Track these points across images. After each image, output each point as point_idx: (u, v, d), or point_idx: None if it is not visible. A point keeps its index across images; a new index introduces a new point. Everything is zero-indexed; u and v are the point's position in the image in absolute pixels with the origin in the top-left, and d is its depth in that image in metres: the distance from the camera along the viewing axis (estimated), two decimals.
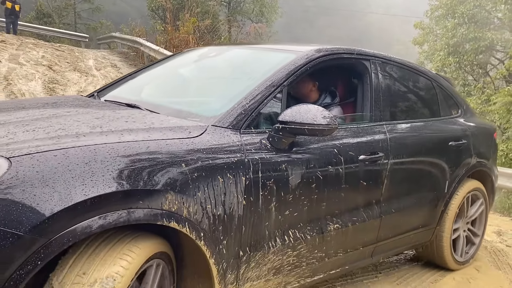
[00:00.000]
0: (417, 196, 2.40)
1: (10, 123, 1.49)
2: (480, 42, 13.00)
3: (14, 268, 1.09)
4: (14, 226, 1.09)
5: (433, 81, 2.71)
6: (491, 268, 2.89)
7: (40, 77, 8.38)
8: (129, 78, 2.41)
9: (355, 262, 2.17)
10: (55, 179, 1.19)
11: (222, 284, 1.57)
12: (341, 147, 1.93)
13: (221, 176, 1.52)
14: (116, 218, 1.24)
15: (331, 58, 2.09)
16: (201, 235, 1.45)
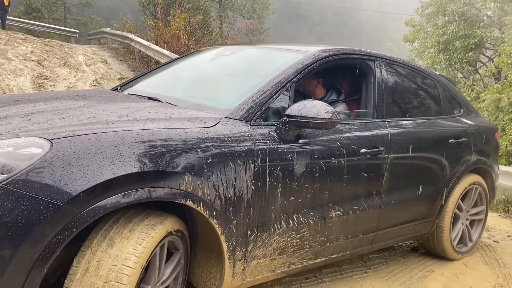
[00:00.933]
0: (416, 190, 2.62)
1: (48, 111, 1.74)
2: (470, 39, 13.44)
3: (54, 233, 1.32)
4: (54, 197, 1.32)
5: (435, 81, 2.97)
6: (479, 263, 3.08)
7: (29, 72, 8.49)
8: (149, 74, 2.72)
9: (355, 248, 2.40)
10: (89, 159, 1.41)
11: (232, 259, 1.79)
12: (344, 140, 2.16)
13: (232, 163, 1.74)
14: (139, 195, 1.47)
15: (337, 58, 2.33)
16: (214, 214, 1.67)
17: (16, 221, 1.28)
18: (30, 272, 1.29)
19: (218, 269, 1.82)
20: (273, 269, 2.01)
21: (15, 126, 1.57)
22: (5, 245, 1.26)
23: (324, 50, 2.26)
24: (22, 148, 1.40)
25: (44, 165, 1.35)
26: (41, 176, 1.33)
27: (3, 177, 1.30)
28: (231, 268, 1.81)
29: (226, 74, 2.53)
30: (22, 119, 1.65)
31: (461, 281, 2.76)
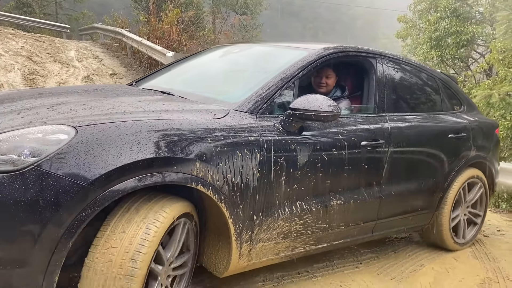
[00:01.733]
0: (416, 182, 2.84)
1: (71, 103, 1.97)
2: (462, 36, 13.79)
3: (78, 211, 1.53)
4: (79, 178, 1.53)
5: (436, 78, 3.20)
6: (469, 257, 3.24)
7: (19, 68, 8.57)
8: (163, 71, 2.98)
9: (356, 236, 2.61)
10: (110, 145, 1.62)
11: (239, 241, 2.00)
12: (345, 133, 2.37)
13: (240, 151, 1.95)
14: (155, 179, 1.67)
15: (340, 56, 2.55)
16: (222, 198, 1.88)
17: (46, 199, 1.47)
18: (57, 245, 1.50)
19: (226, 251, 2.02)
20: (277, 252, 2.22)
21: (42, 115, 1.78)
22: (36, 220, 1.46)
23: (327, 48, 2.48)
24: (50, 134, 1.60)
25: (70, 150, 1.54)
26: (67, 160, 1.53)
27: (34, 159, 1.50)
28: (238, 250, 2.01)
29: (235, 70, 2.78)
30: (48, 109, 1.86)
31: (451, 275, 2.90)
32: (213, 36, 12.09)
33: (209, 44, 11.29)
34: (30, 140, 1.56)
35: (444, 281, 2.78)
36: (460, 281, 2.82)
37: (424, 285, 2.70)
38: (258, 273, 2.53)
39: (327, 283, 2.56)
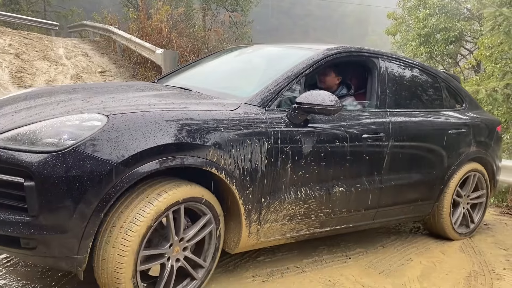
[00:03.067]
0: (416, 174, 3.22)
1: (101, 96, 2.39)
2: (450, 32, 14.34)
3: (109, 186, 1.90)
4: (110, 158, 1.92)
5: (438, 77, 3.62)
6: (456, 251, 3.52)
7: (7, 66, 8.81)
8: (181, 70, 3.45)
9: (358, 222, 2.99)
10: (137, 131, 2.01)
11: (248, 221, 2.39)
12: (347, 126, 2.76)
13: (249, 140, 2.34)
14: (174, 162, 2.06)
15: (344, 55, 2.95)
16: (233, 181, 2.27)
17: (82, 176, 1.86)
18: (91, 216, 1.88)
19: (237, 229, 2.43)
20: (283, 233, 2.64)
21: (78, 106, 2.21)
22: (74, 194, 1.86)
23: (332, 48, 2.90)
24: (86, 121, 2.01)
25: (103, 135, 1.93)
26: (100, 143, 1.91)
27: (73, 142, 1.90)
28: (247, 228, 2.41)
29: (246, 68, 3.24)
30: (82, 101, 2.30)
31: (438, 269, 3.13)
32: (203, 33, 12.26)
33: (199, 41, 11.49)
34: (69, 126, 1.97)
35: (431, 275, 3.01)
36: (447, 274, 3.05)
37: (412, 278, 2.92)
38: (247, 269, 2.78)
39: (316, 278, 2.76)
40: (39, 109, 2.17)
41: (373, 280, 2.81)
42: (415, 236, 3.78)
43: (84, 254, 1.90)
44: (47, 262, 1.99)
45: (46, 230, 1.82)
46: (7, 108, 2.28)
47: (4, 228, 1.83)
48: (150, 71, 10.22)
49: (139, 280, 2.02)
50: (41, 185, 1.79)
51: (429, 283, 2.86)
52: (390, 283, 2.79)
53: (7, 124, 2.01)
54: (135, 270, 1.98)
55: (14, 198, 1.85)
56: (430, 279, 2.92)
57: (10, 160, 1.82)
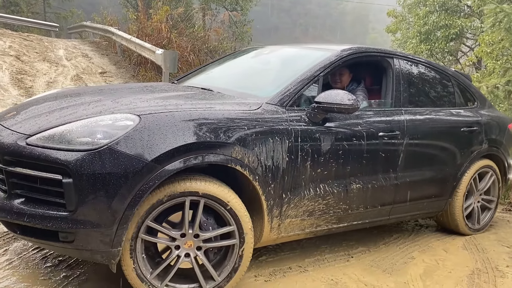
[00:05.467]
0: (430, 170, 3.39)
1: (129, 97, 2.54)
2: (451, 29, 14.57)
3: (142, 183, 2.06)
4: (143, 156, 2.08)
5: (450, 76, 3.80)
6: (458, 249, 3.63)
7: (7, 67, 8.97)
8: (199, 71, 3.63)
9: (374, 218, 3.16)
10: (167, 130, 2.17)
11: (270, 216, 2.56)
12: (364, 124, 2.93)
13: (271, 138, 2.50)
14: (203, 159, 2.21)
15: (359, 56, 3.12)
16: (256, 177, 2.44)
17: (117, 173, 2.03)
18: (125, 210, 2.04)
19: (259, 224, 2.59)
20: (303, 228, 2.80)
21: (108, 106, 2.37)
22: (109, 190, 2.02)
23: (348, 49, 3.07)
24: (119, 121, 2.17)
25: (136, 133, 2.10)
26: (134, 141, 2.08)
27: (107, 141, 2.06)
28: (269, 223, 2.57)
29: (264, 69, 3.42)
30: (112, 102, 2.46)
31: (441, 267, 3.23)
32: (203, 33, 12.38)
33: (199, 41, 11.62)
34: (103, 126, 2.13)
35: (434, 273, 3.10)
36: (450, 272, 3.13)
37: (414, 277, 3.01)
38: (250, 268, 2.81)
39: (319, 277, 2.84)
40: (72, 109, 2.32)
41: (376, 279, 2.90)
42: (418, 234, 3.89)
43: (118, 247, 2.05)
44: (84, 255, 2.14)
45: (83, 225, 1.98)
46: (39, 108, 2.43)
47: (43, 222, 1.99)
48: (151, 71, 10.37)
49: (138, 246, 2.15)
50: (79, 181, 1.95)
51: (432, 281, 2.95)
52: (393, 281, 2.89)
53: (43, 124, 2.16)
54: (136, 234, 2.11)
55: (52, 194, 2.01)
56: (433, 277, 3.01)
57: (49, 158, 1.98)
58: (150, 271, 2.23)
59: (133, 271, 2.18)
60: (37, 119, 2.26)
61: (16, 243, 2.89)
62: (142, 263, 2.20)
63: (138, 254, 2.18)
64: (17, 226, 2.09)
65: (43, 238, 2.06)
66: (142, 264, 2.20)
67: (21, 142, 2.05)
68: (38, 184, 2.03)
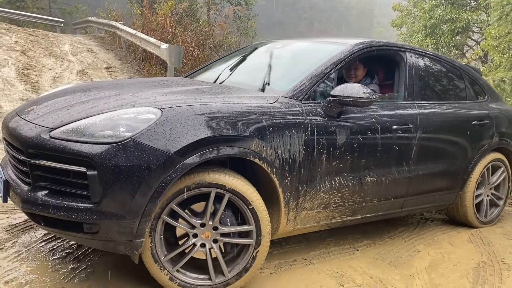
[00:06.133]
0: (442, 163, 3.44)
1: (147, 91, 2.58)
2: (457, 23, 14.51)
3: (165, 175, 2.10)
4: (166, 149, 2.12)
5: (461, 70, 3.85)
6: (464, 242, 3.67)
7: (13, 63, 9.02)
8: (211, 65, 3.67)
9: (387, 210, 3.21)
10: (188, 123, 2.21)
11: (287, 208, 2.60)
12: (378, 118, 2.98)
13: (288, 131, 2.54)
14: (222, 152, 2.25)
15: (373, 49, 3.16)
16: (274, 170, 2.48)
17: (140, 165, 2.07)
18: (148, 203, 2.09)
19: (276, 216, 2.64)
20: (318, 220, 2.85)
21: (129, 100, 2.41)
22: (133, 182, 2.06)
23: (361, 43, 3.10)
24: (141, 114, 2.21)
25: (158, 127, 2.14)
26: (157, 134, 2.12)
27: (130, 134, 2.11)
28: (286, 215, 2.62)
29: (277, 63, 3.44)
30: (131, 95, 2.49)
31: (446, 260, 3.26)
32: (207, 28, 12.40)
33: (204, 36, 11.64)
34: (126, 119, 2.17)
35: (440, 266, 3.14)
36: (455, 265, 3.17)
37: (420, 269, 3.04)
38: None
39: (324, 270, 2.88)
40: (92, 103, 2.37)
41: (381, 271, 2.93)
42: (423, 227, 3.93)
43: (141, 238, 2.10)
44: (107, 246, 2.18)
45: (107, 216, 2.02)
46: (59, 102, 2.47)
47: (68, 214, 2.03)
48: (156, 66, 10.41)
49: (158, 227, 2.21)
50: (103, 174, 1.99)
51: (437, 274, 2.99)
52: (398, 274, 2.92)
53: (65, 118, 2.21)
54: (159, 214, 2.18)
55: (77, 186, 2.05)
56: (438, 270, 3.04)
57: (73, 151, 2.02)
58: (165, 253, 2.29)
59: (149, 249, 2.23)
60: (58, 112, 2.30)
61: (24, 236, 2.94)
62: (159, 244, 2.26)
63: (157, 235, 2.23)
64: (42, 218, 2.14)
65: (68, 230, 2.11)
66: (158, 245, 2.26)
67: (44, 135, 2.09)
68: (62, 176, 2.07)
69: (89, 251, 2.79)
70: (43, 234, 2.96)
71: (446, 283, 2.85)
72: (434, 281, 2.87)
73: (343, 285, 2.69)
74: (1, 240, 2.83)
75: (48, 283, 2.39)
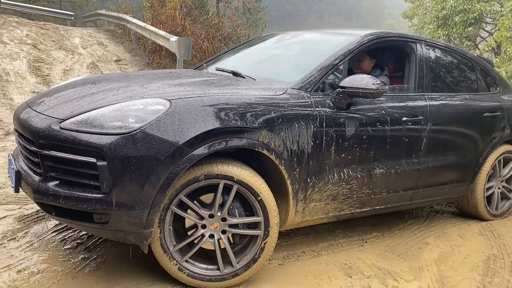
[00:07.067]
0: (452, 156, 3.41)
1: (156, 83, 2.59)
2: (469, 14, 14.24)
3: (174, 166, 2.11)
4: (174, 139, 2.13)
5: (473, 62, 3.80)
6: (474, 235, 3.65)
7: (24, 56, 9.10)
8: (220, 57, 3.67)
9: (396, 203, 3.20)
10: (197, 114, 2.22)
11: (295, 200, 2.60)
12: (388, 109, 2.95)
13: (297, 123, 2.54)
14: (231, 143, 2.26)
15: (383, 40, 3.13)
16: (282, 162, 2.48)
17: (149, 156, 2.08)
18: (157, 192, 2.11)
19: (284, 207, 2.64)
20: (326, 212, 2.86)
21: (138, 92, 2.42)
22: (142, 173, 2.07)
23: (371, 34, 3.07)
24: (150, 105, 2.22)
25: (167, 118, 2.15)
26: (165, 125, 2.14)
27: (140, 125, 2.12)
28: (294, 207, 2.62)
29: (286, 54, 3.44)
30: (141, 87, 2.51)
31: (456, 252, 3.25)
32: (217, 20, 12.37)
33: (213, 28, 11.62)
34: (135, 110, 2.19)
35: (449, 258, 3.12)
36: (465, 257, 3.15)
37: (429, 262, 3.02)
38: None
39: (332, 262, 2.89)
40: (102, 94, 2.39)
41: (390, 264, 2.92)
42: (433, 220, 3.90)
43: (150, 228, 2.12)
44: (117, 236, 2.20)
45: (117, 206, 2.04)
46: (69, 94, 2.50)
47: (79, 204, 2.06)
48: (165, 58, 10.44)
49: (167, 218, 2.23)
50: (113, 164, 2.01)
51: (447, 266, 2.97)
52: (407, 266, 2.91)
53: (75, 109, 2.23)
54: (168, 205, 2.19)
55: (87, 176, 2.08)
56: (448, 263, 3.03)
57: (83, 142, 2.04)
58: (174, 244, 2.31)
59: (158, 240, 2.25)
60: (69, 104, 2.32)
61: (36, 226, 2.98)
62: (168, 234, 2.28)
63: (166, 225, 2.25)
64: (52, 208, 2.17)
65: (78, 220, 2.14)
66: (167, 236, 2.27)
67: (55, 126, 2.12)
68: (72, 167, 2.09)
69: (99, 241, 2.83)
70: (54, 225, 3.00)
71: (456, 275, 2.84)
72: (443, 273, 2.85)
73: (351, 277, 2.69)
74: (13, 230, 2.88)
75: (60, 273, 2.42)
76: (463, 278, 2.80)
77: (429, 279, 2.76)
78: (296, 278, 2.63)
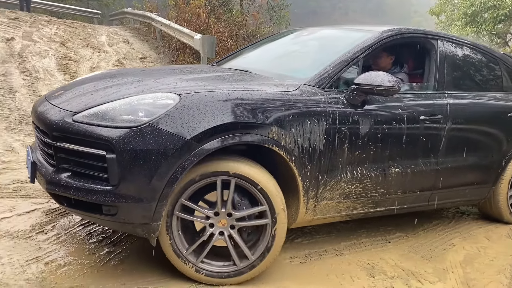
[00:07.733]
0: (473, 157, 3.29)
1: (169, 78, 2.60)
2: (499, 10, 13.70)
3: (182, 160, 2.12)
4: (183, 134, 2.13)
5: (498, 59, 3.65)
6: (502, 237, 3.53)
7: (53, 53, 9.35)
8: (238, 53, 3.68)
9: (412, 203, 3.11)
10: (206, 109, 2.22)
11: (306, 197, 2.56)
12: (405, 107, 2.87)
13: (308, 120, 2.49)
14: (239, 139, 2.24)
15: (401, 37, 3.04)
16: (293, 158, 2.44)
17: (158, 150, 2.09)
18: (165, 186, 2.11)
19: (295, 205, 2.60)
20: (338, 211, 2.80)
21: (150, 86, 2.44)
22: (150, 166, 2.08)
23: (389, 30, 3.00)
24: (160, 99, 2.23)
25: (176, 112, 2.15)
26: (174, 119, 2.14)
27: (149, 119, 2.13)
28: (305, 204, 2.58)
29: (303, 51, 3.39)
30: (153, 82, 2.52)
31: (482, 255, 3.16)
32: (240, 18, 12.39)
33: (237, 26, 11.64)
34: (145, 104, 2.20)
35: (475, 260, 3.04)
36: (492, 260, 3.07)
37: (454, 263, 2.96)
38: (285, 250, 2.86)
39: (355, 261, 2.85)
40: (115, 88, 2.41)
41: (414, 265, 2.87)
42: (459, 221, 3.80)
43: (158, 221, 2.13)
44: (125, 228, 2.24)
45: (125, 199, 2.06)
46: (85, 87, 2.54)
47: (88, 196, 2.09)
48: (189, 56, 10.52)
49: (174, 224, 2.23)
50: (121, 157, 2.03)
51: (473, 268, 2.88)
52: (431, 267, 2.84)
53: (88, 102, 2.26)
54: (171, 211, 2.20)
55: (97, 169, 2.10)
56: (474, 265, 2.95)
57: (93, 134, 2.07)
58: (187, 247, 2.31)
59: (169, 246, 2.27)
60: (83, 97, 2.36)
61: (63, 220, 3.04)
62: (178, 239, 2.29)
63: (174, 231, 2.26)
64: (64, 199, 2.21)
65: (88, 211, 2.17)
66: (178, 241, 2.29)
67: (68, 119, 2.15)
68: (83, 159, 2.12)
69: (123, 236, 2.86)
70: (80, 219, 3.05)
71: (482, 278, 2.75)
72: (469, 275, 2.77)
73: (373, 277, 2.64)
74: (42, 223, 2.95)
75: (85, 265, 2.47)
76: (489, 281, 2.72)
77: (454, 281, 2.70)
78: (318, 277, 2.60)
